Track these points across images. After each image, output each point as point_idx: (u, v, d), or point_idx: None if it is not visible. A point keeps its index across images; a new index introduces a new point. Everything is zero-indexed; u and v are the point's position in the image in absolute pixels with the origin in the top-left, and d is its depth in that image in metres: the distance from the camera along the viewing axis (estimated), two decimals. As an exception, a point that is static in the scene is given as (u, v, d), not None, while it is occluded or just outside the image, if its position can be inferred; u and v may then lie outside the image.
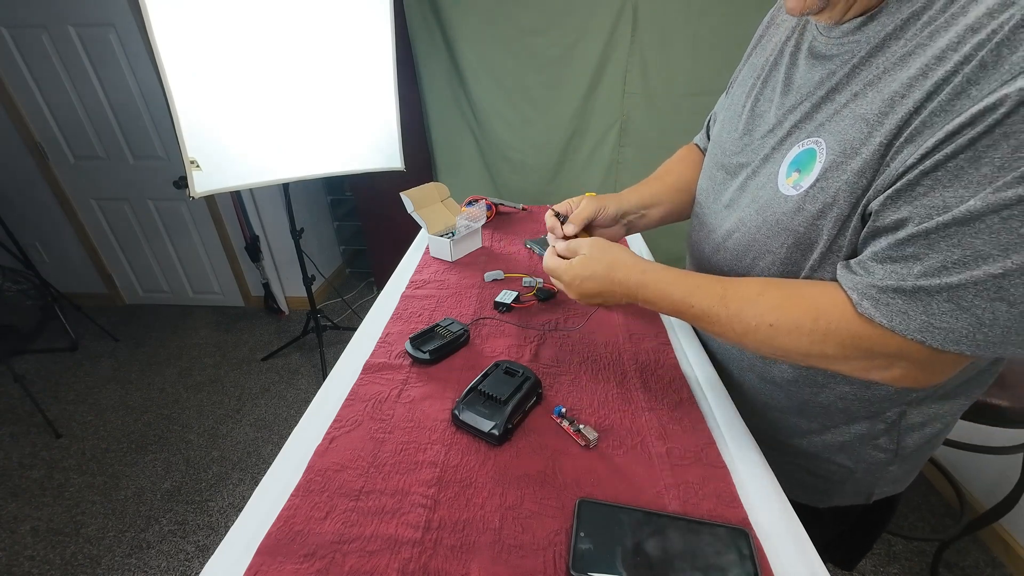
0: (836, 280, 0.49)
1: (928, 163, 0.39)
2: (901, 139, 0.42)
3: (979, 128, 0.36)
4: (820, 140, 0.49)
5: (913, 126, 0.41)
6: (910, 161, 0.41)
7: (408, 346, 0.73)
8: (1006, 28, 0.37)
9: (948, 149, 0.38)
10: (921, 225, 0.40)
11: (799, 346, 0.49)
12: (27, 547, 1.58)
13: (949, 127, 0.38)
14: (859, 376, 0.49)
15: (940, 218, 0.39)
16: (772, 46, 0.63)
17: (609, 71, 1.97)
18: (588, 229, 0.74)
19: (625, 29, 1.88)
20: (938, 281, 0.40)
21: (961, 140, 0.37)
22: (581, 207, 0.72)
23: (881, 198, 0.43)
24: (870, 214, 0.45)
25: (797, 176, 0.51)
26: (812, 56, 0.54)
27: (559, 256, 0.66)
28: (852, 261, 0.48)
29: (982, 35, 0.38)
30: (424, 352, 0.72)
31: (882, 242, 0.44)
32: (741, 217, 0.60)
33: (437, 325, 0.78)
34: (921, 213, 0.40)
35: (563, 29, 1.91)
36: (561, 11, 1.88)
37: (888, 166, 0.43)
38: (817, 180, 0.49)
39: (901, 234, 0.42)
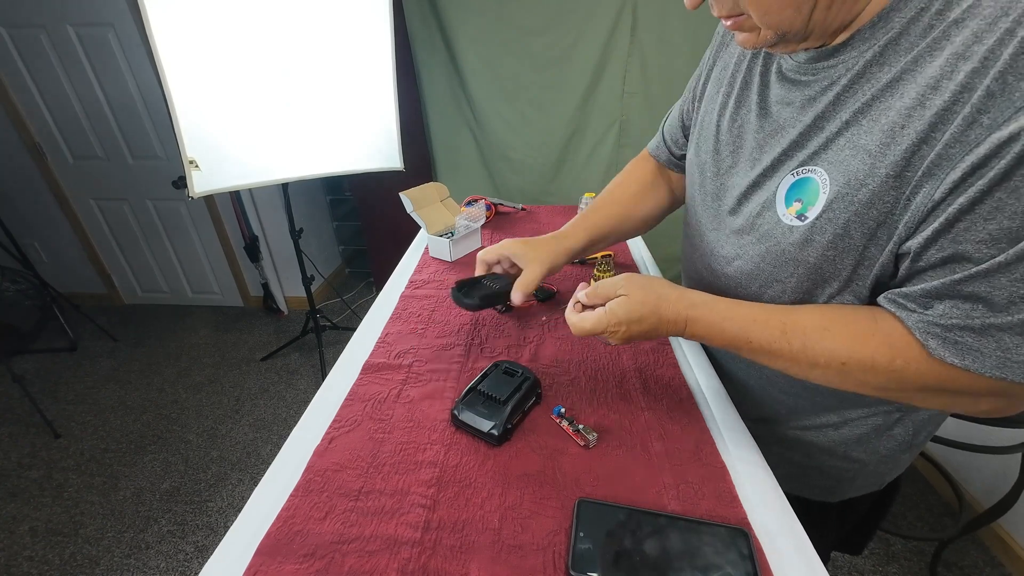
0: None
1: (963, 199, 0.39)
2: (918, 173, 0.41)
3: (1008, 159, 0.36)
4: (818, 169, 0.49)
5: (929, 159, 0.40)
6: (937, 196, 0.40)
7: (455, 292, 0.70)
8: (1004, 56, 0.37)
9: (981, 184, 0.38)
10: (980, 265, 0.39)
11: (876, 382, 0.47)
12: (26, 547, 1.57)
13: (972, 159, 0.38)
14: (946, 411, 0.48)
15: (999, 258, 0.38)
16: (735, 59, 0.62)
17: (608, 71, 1.97)
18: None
19: (624, 29, 1.88)
20: (1009, 318, 0.39)
21: (992, 173, 0.37)
22: (526, 277, 0.69)
23: (920, 239, 0.42)
24: (905, 252, 0.44)
25: (799, 206, 0.50)
26: (785, 80, 0.53)
27: (584, 305, 0.59)
28: (897, 294, 0.46)
29: (974, 62, 0.38)
30: (474, 298, 0.69)
31: (934, 280, 0.42)
32: (741, 244, 0.58)
33: (484, 277, 0.74)
34: (969, 250, 0.40)
35: (563, 29, 1.91)
36: (561, 11, 1.88)
37: (911, 201, 0.42)
38: (824, 211, 0.48)
39: (958, 275, 0.41)
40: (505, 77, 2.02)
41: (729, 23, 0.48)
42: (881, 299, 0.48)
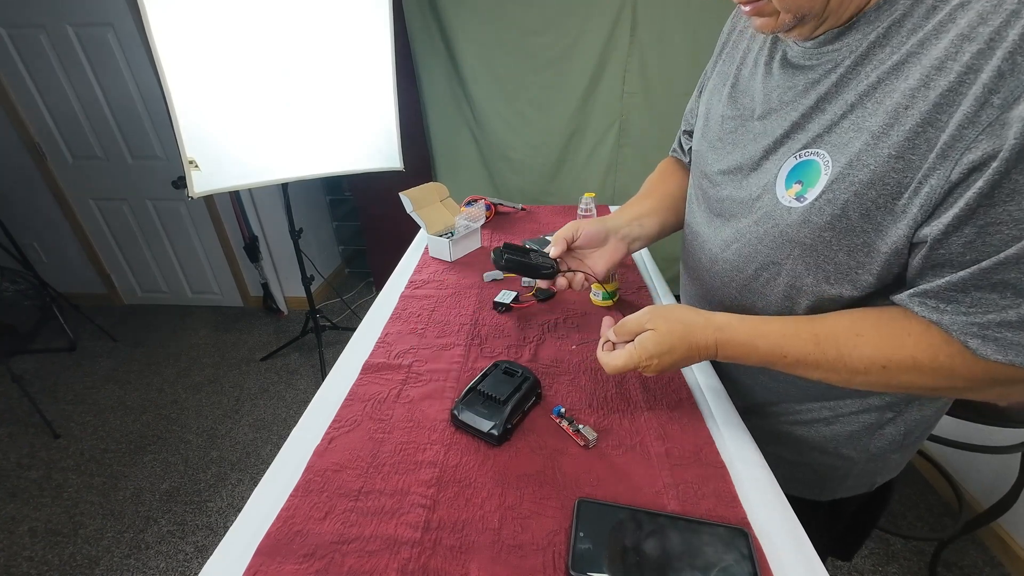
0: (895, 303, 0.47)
1: (982, 183, 0.38)
2: (931, 155, 0.41)
3: (1021, 139, 0.36)
4: (821, 152, 0.49)
5: (942, 141, 0.40)
6: (955, 176, 0.40)
7: (496, 252, 0.69)
8: (1011, 36, 0.37)
9: (997, 165, 0.37)
10: (1008, 251, 0.39)
11: (923, 382, 0.47)
12: (25, 548, 1.57)
13: (986, 139, 0.38)
14: (999, 401, 0.47)
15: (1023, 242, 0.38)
16: (740, 54, 0.63)
17: (608, 71, 1.97)
18: (571, 250, 0.72)
19: (624, 29, 1.88)
20: None
21: (1007, 154, 0.37)
22: (567, 228, 0.71)
23: (939, 225, 0.42)
24: (921, 241, 0.44)
25: (799, 188, 0.51)
26: (789, 66, 0.54)
27: (613, 343, 0.60)
28: (919, 292, 0.45)
29: (979, 43, 0.38)
30: (501, 259, 0.68)
31: (961, 271, 0.42)
32: (739, 228, 0.59)
33: (532, 250, 0.72)
34: (993, 236, 0.39)
35: (562, 29, 1.91)
36: (560, 11, 1.88)
37: (923, 184, 0.42)
38: (823, 192, 0.48)
39: (986, 263, 0.40)
40: (505, 77, 2.02)
41: (748, 8, 0.49)
42: (904, 300, 0.47)
